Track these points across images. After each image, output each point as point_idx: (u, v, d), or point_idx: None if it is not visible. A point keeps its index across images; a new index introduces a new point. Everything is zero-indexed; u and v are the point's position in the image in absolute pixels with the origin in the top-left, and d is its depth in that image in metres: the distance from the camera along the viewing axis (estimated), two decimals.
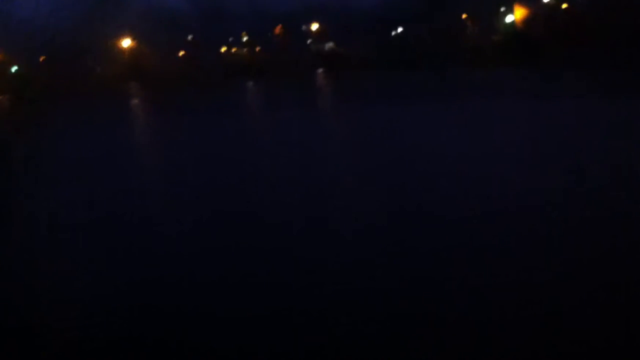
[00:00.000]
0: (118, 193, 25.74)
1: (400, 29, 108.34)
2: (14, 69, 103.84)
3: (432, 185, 22.61)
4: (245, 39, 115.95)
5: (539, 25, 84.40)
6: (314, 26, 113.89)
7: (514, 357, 11.67)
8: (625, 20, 69.23)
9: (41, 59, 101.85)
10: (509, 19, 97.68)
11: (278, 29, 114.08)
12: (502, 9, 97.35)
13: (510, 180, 22.29)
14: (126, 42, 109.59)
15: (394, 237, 17.20)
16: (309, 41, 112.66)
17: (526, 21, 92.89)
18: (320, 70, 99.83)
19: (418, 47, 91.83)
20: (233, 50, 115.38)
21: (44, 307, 14.34)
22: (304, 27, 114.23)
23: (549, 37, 73.90)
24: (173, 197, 23.77)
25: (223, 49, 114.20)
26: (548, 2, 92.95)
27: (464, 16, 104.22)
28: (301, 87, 77.90)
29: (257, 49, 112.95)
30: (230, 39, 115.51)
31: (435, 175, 23.90)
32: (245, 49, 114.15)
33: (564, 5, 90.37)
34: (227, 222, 19.86)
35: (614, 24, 68.09)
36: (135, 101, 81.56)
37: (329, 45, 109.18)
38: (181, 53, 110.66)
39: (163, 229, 19.71)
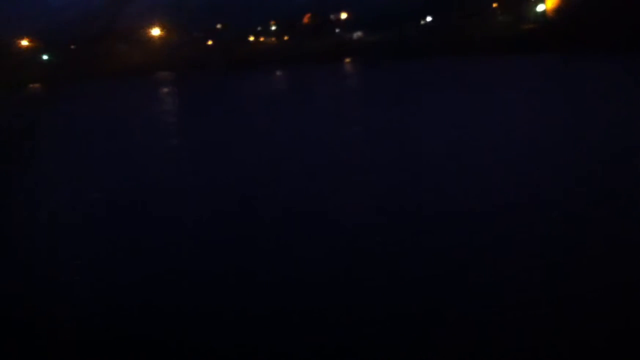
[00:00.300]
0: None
1: (429, 18, 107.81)
2: (45, 57, 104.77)
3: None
4: (273, 27, 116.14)
5: (572, 14, 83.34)
6: (343, 15, 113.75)
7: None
8: None
9: (72, 46, 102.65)
10: (540, 8, 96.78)
11: (306, 18, 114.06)
12: None
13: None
14: (155, 31, 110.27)
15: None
16: (337, 30, 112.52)
17: (558, 10, 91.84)
18: (348, 60, 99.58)
19: (446, 36, 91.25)
20: (261, 39, 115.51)
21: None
22: (332, 16, 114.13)
23: (582, 25, 72.97)
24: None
25: (251, 38, 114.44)
26: None
27: (494, 5, 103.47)
28: (329, 76, 77.84)
29: (285, 37, 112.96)
30: (259, 28, 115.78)
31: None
32: (273, 38, 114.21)
33: None
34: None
35: None
36: (165, 89, 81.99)
37: (357, 34, 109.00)
38: (210, 42, 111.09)
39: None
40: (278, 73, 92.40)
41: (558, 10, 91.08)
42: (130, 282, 15.40)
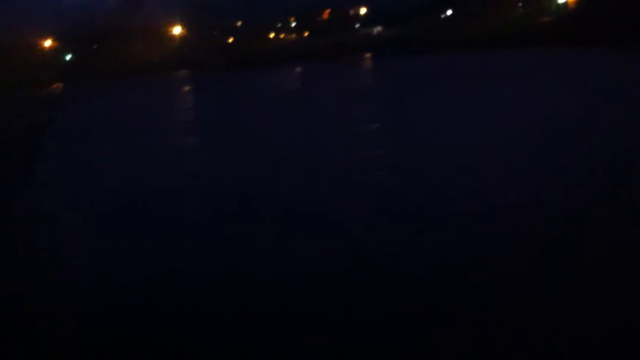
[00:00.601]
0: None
1: (449, 12, 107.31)
2: (67, 57, 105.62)
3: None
4: (293, 24, 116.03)
5: (593, 6, 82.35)
6: (362, 10, 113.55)
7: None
8: None
9: (94, 46, 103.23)
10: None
11: (326, 14, 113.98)
12: None
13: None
14: (176, 29, 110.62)
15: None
16: (357, 25, 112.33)
17: (580, 1, 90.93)
18: (368, 55, 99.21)
19: (467, 29, 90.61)
20: (281, 35, 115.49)
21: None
22: (351, 12, 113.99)
23: (603, 18, 72.10)
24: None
25: (271, 35, 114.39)
26: None
27: None
28: (350, 72, 77.61)
29: (305, 34, 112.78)
30: (279, 25, 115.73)
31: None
32: (293, 34, 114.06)
33: None
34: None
35: None
36: (187, 88, 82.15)
37: (377, 29, 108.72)
38: (230, 39, 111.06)
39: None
40: (298, 69, 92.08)
41: (580, 1, 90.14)
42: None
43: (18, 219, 20.55)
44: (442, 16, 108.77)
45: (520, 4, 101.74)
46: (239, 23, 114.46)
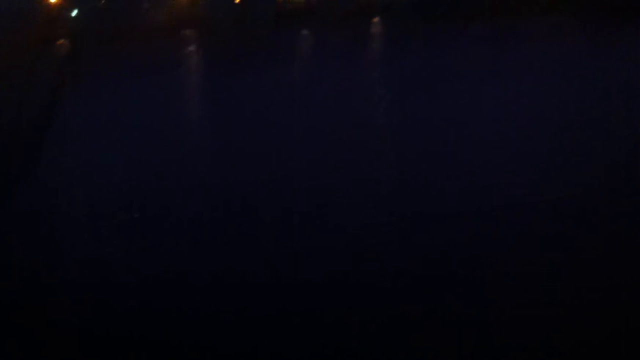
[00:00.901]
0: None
1: None
2: (74, 13, 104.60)
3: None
4: None
5: None
6: None
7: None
8: None
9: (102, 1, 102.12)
10: None
11: None
12: None
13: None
14: None
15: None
16: None
17: None
18: (377, 19, 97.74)
19: None
20: None
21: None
22: None
23: None
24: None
25: None
26: None
27: None
28: (359, 37, 76.01)
29: None
30: None
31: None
32: None
33: None
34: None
35: None
36: (191, 49, 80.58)
37: None
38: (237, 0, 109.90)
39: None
40: (306, 33, 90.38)
41: None
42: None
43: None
44: None
45: None
46: None
